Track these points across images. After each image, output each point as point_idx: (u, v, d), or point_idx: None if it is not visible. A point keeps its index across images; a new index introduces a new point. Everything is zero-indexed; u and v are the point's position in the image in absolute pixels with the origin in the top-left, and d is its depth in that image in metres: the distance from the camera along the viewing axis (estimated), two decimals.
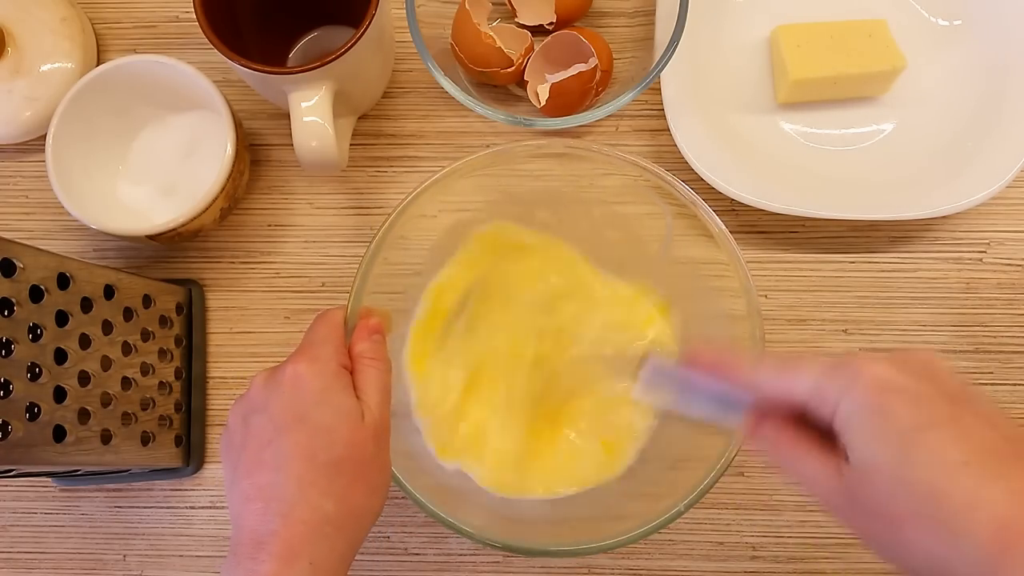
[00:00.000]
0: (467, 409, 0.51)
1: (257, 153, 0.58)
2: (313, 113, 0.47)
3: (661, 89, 0.53)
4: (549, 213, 0.53)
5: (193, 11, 0.46)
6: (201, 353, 0.55)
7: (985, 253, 0.55)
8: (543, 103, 0.53)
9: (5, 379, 0.38)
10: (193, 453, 0.54)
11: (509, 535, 0.45)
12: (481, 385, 0.51)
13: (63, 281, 0.43)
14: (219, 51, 0.46)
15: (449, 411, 0.51)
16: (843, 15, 0.55)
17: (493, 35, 0.53)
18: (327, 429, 0.38)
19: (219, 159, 0.51)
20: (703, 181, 0.52)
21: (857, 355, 0.33)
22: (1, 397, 0.38)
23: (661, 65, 0.50)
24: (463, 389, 0.51)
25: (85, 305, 0.44)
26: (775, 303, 0.55)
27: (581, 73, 0.52)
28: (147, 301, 0.50)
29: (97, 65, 0.56)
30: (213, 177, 0.51)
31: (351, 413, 0.39)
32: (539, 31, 0.57)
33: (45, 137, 0.51)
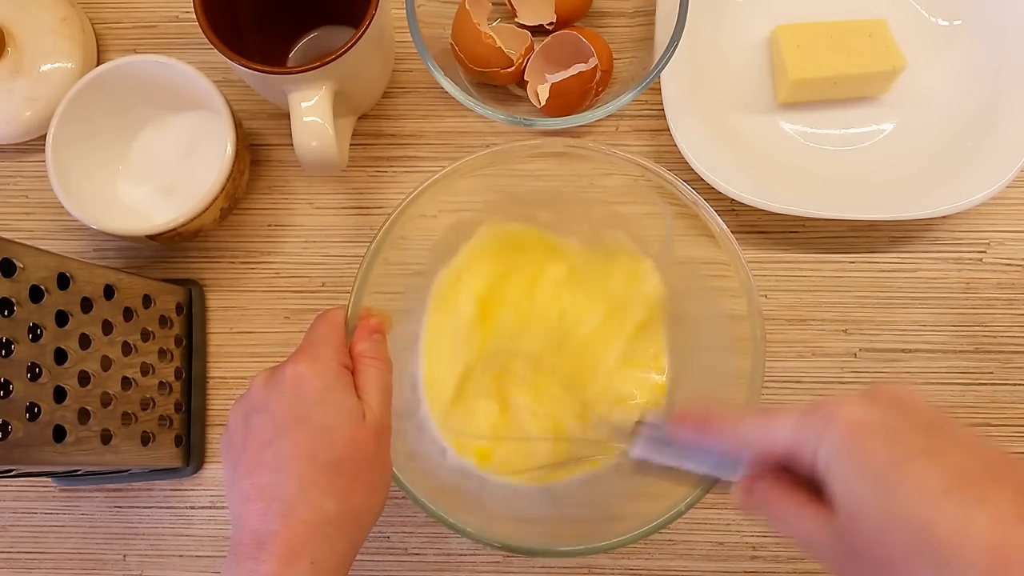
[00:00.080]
0: (472, 402, 0.51)
1: (257, 153, 0.58)
2: (313, 113, 0.47)
3: (661, 89, 0.53)
4: (549, 213, 0.53)
5: (193, 11, 0.46)
6: (201, 353, 0.55)
7: (985, 253, 0.55)
8: (543, 103, 0.53)
9: (5, 379, 0.38)
10: (193, 453, 0.54)
11: (509, 535, 0.45)
12: (480, 385, 0.51)
13: (63, 281, 0.43)
14: (219, 51, 0.46)
15: (451, 404, 0.51)
16: (843, 15, 0.55)
17: (493, 35, 0.53)
18: (328, 429, 0.38)
19: (219, 159, 0.51)
20: (703, 181, 0.52)
21: (829, 398, 0.33)
22: (1, 397, 0.38)
23: (661, 65, 0.50)
24: (458, 385, 0.51)
25: (85, 305, 0.44)
26: (775, 303, 0.55)
27: (581, 73, 0.52)
28: (147, 301, 0.50)
29: (97, 65, 0.56)
30: (213, 177, 0.51)
31: (352, 413, 0.39)
32: (539, 31, 0.57)
33: (45, 137, 0.51)
